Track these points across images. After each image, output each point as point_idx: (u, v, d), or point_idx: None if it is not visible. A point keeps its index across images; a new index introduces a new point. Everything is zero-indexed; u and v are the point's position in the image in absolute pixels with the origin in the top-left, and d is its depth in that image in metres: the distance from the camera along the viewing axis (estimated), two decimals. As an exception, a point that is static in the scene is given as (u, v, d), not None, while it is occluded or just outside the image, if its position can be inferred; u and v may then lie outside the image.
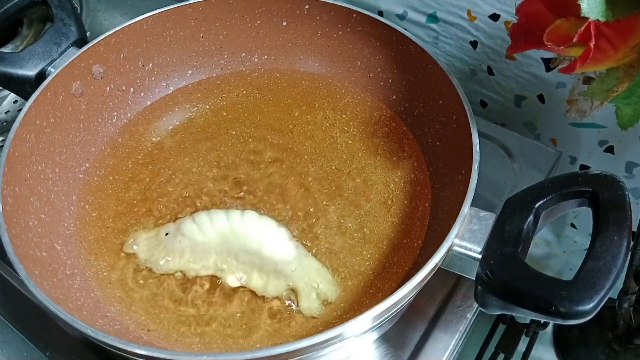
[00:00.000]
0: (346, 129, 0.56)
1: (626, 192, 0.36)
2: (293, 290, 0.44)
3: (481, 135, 0.44)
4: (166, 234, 0.47)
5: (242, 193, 0.51)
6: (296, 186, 0.51)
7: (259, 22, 0.60)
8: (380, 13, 0.67)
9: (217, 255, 0.46)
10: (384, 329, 0.47)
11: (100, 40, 0.54)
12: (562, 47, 0.32)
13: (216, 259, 0.46)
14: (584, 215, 0.68)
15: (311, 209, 0.49)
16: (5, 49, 0.67)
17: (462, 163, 0.44)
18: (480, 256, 0.38)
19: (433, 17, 0.64)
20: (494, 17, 0.58)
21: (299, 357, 0.35)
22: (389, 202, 0.50)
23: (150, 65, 0.59)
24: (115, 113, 0.57)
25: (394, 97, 0.57)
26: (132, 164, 0.54)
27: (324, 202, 0.50)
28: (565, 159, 0.64)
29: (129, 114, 0.58)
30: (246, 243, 0.45)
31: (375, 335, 0.46)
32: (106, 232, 0.49)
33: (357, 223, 0.49)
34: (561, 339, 0.58)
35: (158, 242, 0.47)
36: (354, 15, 0.56)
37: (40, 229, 0.45)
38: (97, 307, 0.44)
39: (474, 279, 0.38)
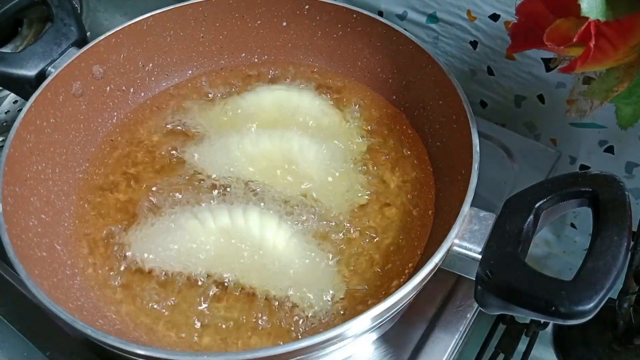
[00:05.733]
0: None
1: (626, 192, 0.36)
2: (293, 290, 0.44)
3: (481, 135, 0.44)
4: (167, 232, 0.47)
5: (244, 191, 0.51)
6: (297, 185, 0.51)
7: (259, 22, 0.60)
8: (380, 13, 0.67)
9: (218, 252, 0.45)
10: (384, 329, 0.47)
11: (101, 40, 0.54)
12: (562, 47, 0.32)
13: (217, 255, 0.45)
14: (584, 215, 0.68)
15: (312, 208, 0.49)
16: (5, 49, 0.67)
17: (462, 163, 0.44)
18: (480, 256, 0.38)
19: (433, 17, 0.64)
20: (494, 17, 0.59)
21: (299, 357, 0.35)
22: (389, 202, 0.50)
23: (150, 65, 0.59)
24: (115, 113, 0.57)
25: (394, 97, 0.57)
26: (132, 163, 0.54)
27: (325, 201, 0.50)
28: (565, 159, 0.64)
29: (129, 114, 0.58)
30: (248, 240, 0.45)
31: (375, 335, 0.46)
32: (106, 231, 0.49)
33: (357, 223, 0.49)
34: (561, 339, 0.58)
35: (159, 240, 0.47)
36: (354, 15, 0.56)
37: (40, 229, 0.45)
38: (97, 307, 0.44)
39: (474, 279, 0.38)
